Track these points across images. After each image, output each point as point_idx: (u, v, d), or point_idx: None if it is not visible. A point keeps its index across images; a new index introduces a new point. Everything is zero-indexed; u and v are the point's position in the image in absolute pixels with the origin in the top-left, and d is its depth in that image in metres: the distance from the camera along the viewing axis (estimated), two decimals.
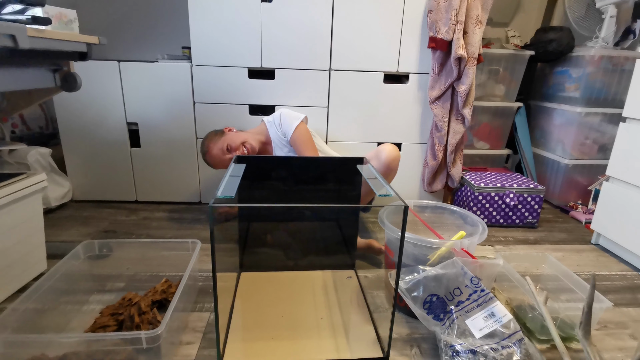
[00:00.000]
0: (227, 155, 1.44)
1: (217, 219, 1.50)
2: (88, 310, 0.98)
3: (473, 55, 1.55)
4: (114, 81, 1.60)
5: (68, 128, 1.65)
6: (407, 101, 1.72)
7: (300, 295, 1.10)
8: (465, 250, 0.96)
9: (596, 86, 1.79)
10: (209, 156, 1.47)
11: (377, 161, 1.33)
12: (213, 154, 1.45)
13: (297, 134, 1.44)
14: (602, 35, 1.77)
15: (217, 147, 1.44)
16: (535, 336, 0.93)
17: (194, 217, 1.64)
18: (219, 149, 1.44)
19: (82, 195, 1.74)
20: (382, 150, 1.34)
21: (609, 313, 1.07)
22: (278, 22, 1.58)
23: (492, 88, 1.94)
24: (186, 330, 0.94)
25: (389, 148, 1.33)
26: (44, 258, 1.16)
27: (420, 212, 1.27)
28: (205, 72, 1.63)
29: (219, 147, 1.44)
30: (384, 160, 1.32)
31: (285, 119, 1.47)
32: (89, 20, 1.97)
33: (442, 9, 1.53)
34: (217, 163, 1.47)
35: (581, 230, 1.67)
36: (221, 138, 1.46)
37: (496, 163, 2.05)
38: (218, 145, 1.44)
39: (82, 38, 1.01)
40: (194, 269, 1.01)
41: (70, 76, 1.09)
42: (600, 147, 1.88)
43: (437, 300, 0.89)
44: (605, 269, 1.35)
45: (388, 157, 1.31)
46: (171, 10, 2.02)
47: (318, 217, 1.32)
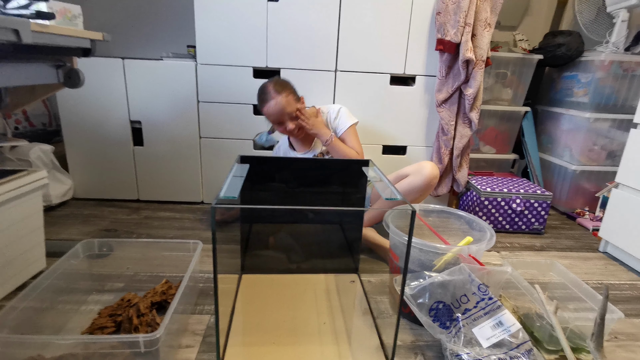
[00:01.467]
0: (282, 119, 1.32)
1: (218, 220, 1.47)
2: (86, 310, 0.96)
3: (481, 58, 1.52)
4: (118, 79, 1.59)
5: (71, 125, 1.64)
6: (413, 104, 1.70)
7: (302, 299, 1.08)
8: (472, 257, 0.93)
9: (606, 92, 1.77)
10: (269, 106, 1.31)
11: (419, 176, 1.31)
12: (273, 109, 1.30)
13: (350, 131, 1.42)
14: (613, 40, 1.75)
15: (281, 104, 1.29)
16: (543, 346, 0.91)
17: (196, 217, 1.63)
18: (281, 107, 1.30)
19: (84, 193, 1.73)
20: (424, 167, 1.32)
21: (619, 324, 1.04)
22: (284, 22, 1.57)
23: (500, 92, 1.92)
24: (186, 333, 0.92)
25: (431, 165, 1.33)
26: (43, 256, 1.14)
27: (425, 216, 1.25)
28: (210, 71, 1.61)
29: (282, 106, 1.29)
30: (426, 177, 1.31)
31: (343, 114, 1.43)
32: (95, 17, 1.97)
33: (450, 11, 1.52)
34: (271, 115, 1.32)
35: (588, 238, 1.64)
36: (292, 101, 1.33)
37: (502, 168, 2.03)
38: (283, 104, 1.30)
39: (86, 34, 0.99)
40: (194, 270, 0.99)
41: (74, 72, 1.08)
42: (608, 153, 1.85)
43: (443, 307, 0.87)
44: (613, 277, 1.32)
45: (431, 174, 1.31)
46: (177, 8, 2.01)
47: (321, 219, 1.30)
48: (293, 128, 1.32)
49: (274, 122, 1.34)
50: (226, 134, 1.70)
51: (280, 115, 1.31)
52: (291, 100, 1.32)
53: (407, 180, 1.34)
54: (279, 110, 1.30)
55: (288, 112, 1.31)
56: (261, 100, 1.34)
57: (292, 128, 1.32)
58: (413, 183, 1.32)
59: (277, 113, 1.30)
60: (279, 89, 1.31)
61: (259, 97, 1.35)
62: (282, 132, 1.37)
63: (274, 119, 1.33)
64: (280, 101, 1.29)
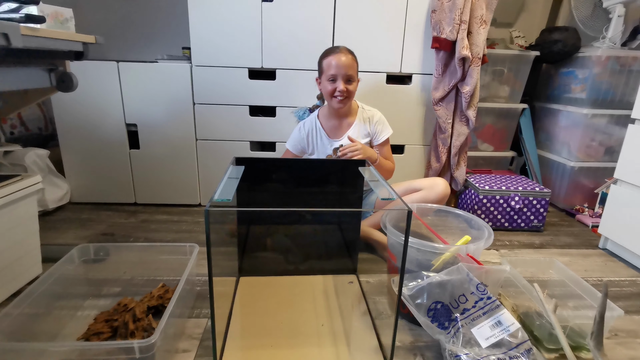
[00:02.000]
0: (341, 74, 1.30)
1: None
2: (82, 315, 0.95)
3: (477, 55, 1.52)
4: (113, 82, 1.58)
5: (66, 129, 1.63)
6: (410, 102, 1.70)
7: (301, 300, 1.07)
8: (470, 256, 0.93)
9: (603, 87, 1.76)
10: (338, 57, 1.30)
11: (432, 193, 1.34)
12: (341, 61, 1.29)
13: (388, 141, 1.47)
14: (610, 35, 1.74)
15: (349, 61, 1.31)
16: (543, 345, 0.90)
17: (194, 219, 1.62)
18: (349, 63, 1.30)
19: (80, 197, 1.72)
20: (438, 184, 1.35)
21: (619, 321, 1.04)
22: (279, 22, 1.56)
23: (497, 89, 1.91)
24: (182, 337, 0.91)
25: (444, 183, 1.36)
26: (39, 261, 1.14)
27: (423, 215, 1.24)
28: (205, 72, 1.60)
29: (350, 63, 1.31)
30: (439, 194, 1.35)
31: (385, 123, 1.46)
32: (88, 20, 1.96)
33: (445, 9, 1.51)
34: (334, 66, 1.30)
35: (588, 234, 1.64)
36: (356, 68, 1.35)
37: (500, 165, 2.02)
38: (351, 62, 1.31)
39: (78, 37, 0.99)
40: (191, 274, 0.98)
41: (67, 76, 1.07)
42: (607, 149, 1.85)
43: (441, 307, 0.86)
44: (613, 274, 1.31)
45: (444, 192, 1.35)
46: (171, 10, 2.00)
47: (319, 220, 1.30)
48: (343, 89, 1.31)
49: (332, 75, 1.31)
50: (223, 135, 1.69)
51: (344, 70, 1.29)
52: (356, 67, 1.34)
53: (420, 195, 1.36)
54: (345, 64, 1.29)
55: (349, 73, 1.30)
56: (329, 51, 1.34)
57: (342, 89, 1.30)
58: (425, 199, 1.34)
59: (342, 66, 1.29)
60: (351, 51, 1.34)
61: (327, 50, 1.36)
62: (328, 93, 1.33)
63: (334, 72, 1.30)
64: (350, 58, 1.32)
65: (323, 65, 1.34)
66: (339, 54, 1.31)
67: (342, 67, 1.29)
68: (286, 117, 1.67)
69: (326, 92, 1.34)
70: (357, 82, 1.36)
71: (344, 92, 1.31)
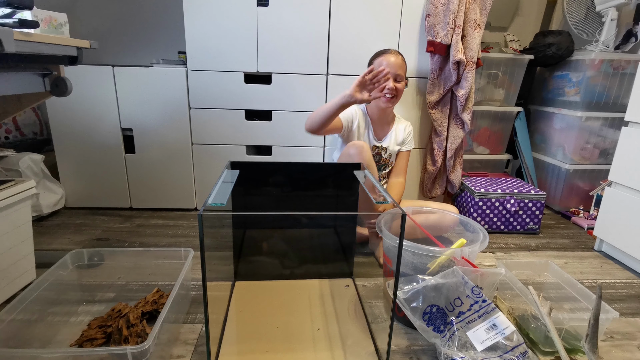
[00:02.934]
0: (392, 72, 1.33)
1: None
2: (76, 321, 0.94)
3: (472, 59, 1.53)
4: (108, 86, 1.58)
5: (61, 134, 1.62)
6: (405, 105, 1.70)
7: (297, 305, 1.07)
8: (465, 259, 0.93)
9: (597, 90, 1.77)
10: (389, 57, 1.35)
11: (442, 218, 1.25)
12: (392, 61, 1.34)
13: (409, 154, 1.51)
14: (603, 39, 1.76)
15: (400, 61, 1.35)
16: (539, 348, 0.90)
17: (189, 224, 1.61)
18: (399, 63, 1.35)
19: (76, 202, 1.71)
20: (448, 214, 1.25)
21: (615, 323, 1.04)
22: (274, 26, 1.56)
23: (492, 92, 1.92)
24: (177, 342, 0.90)
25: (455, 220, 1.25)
26: (32, 267, 1.13)
27: (419, 219, 1.24)
28: (201, 76, 1.61)
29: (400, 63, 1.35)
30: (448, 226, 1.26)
31: (412, 136, 1.52)
32: (84, 24, 1.95)
33: (440, 13, 1.52)
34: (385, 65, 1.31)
35: (583, 237, 1.64)
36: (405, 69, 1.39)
37: (496, 168, 2.03)
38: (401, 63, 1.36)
39: (72, 42, 0.98)
40: (186, 278, 0.98)
41: (61, 81, 1.06)
42: (601, 151, 1.86)
43: (437, 311, 0.86)
44: (609, 276, 1.31)
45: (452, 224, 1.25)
46: (167, 14, 2.00)
47: (315, 224, 1.29)
48: (392, 87, 1.34)
49: None
50: (219, 139, 1.69)
51: (394, 69, 1.33)
52: (405, 68, 1.39)
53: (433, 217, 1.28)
54: (395, 63, 1.34)
55: (399, 72, 1.34)
56: (380, 52, 1.39)
57: (392, 87, 1.33)
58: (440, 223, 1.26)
59: (392, 65, 1.33)
60: (400, 53, 1.39)
61: (378, 52, 1.40)
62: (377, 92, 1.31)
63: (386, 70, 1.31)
64: (400, 59, 1.37)
65: (374, 65, 1.37)
66: (390, 54, 1.36)
67: (392, 66, 1.33)
68: (282, 120, 1.67)
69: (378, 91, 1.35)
70: (405, 83, 1.40)
71: (392, 90, 1.34)
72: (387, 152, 1.47)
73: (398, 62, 1.35)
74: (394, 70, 1.33)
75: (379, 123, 1.46)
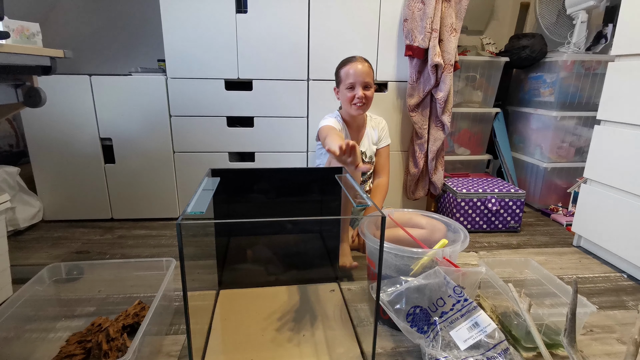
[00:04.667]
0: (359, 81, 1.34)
1: None
2: (55, 338, 0.92)
3: (449, 62, 1.56)
4: (86, 96, 1.55)
5: (37, 145, 1.58)
6: (387, 109, 1.72)
7: (282, 311, 1.06)
8: (447, 259, 0.94)
9: (570, 90, 1.83)
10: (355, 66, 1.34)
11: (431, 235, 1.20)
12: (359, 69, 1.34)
13: (387, 149, 1.53)
14: (574, 41, 1.82)
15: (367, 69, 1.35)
16: (521, 344, 0.91)
17: (173, 233, 1.59)
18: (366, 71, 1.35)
19: (54, 215, 1.67)
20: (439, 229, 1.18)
21: (594, 317, 1.06)
22: (254, 32, 1.57)
23: (470, 94, 1.96)
24: (159, 355, 0.89)
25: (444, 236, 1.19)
26: (9, 283, 1.09)
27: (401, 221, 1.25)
28: (181, 84, 1.59)
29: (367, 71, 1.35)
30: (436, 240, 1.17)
31: (387, 131, 1.54)
32: (60, 34, 1.92)
33: (417, 18, 1.55)
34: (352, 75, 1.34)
35: (562, 233, 1.68)
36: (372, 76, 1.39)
37: (477, 169, 2.06)
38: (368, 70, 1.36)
39: (45, 52, 0.97)
40: (168, 289, 0.96)
41: (34, 91, 1.04)
42: (577, 150, 1.91)
43: (420, 312, 0.87)
44: (587, 271, 1.35)
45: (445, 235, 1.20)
46: (145, 22, 1.98)
47: (300, 229, 1.29)
48: (362, 96, 1.34)
49: (350, 83, 1.35)
50: (200, 147, 1.67)
51: (361, 77, 1.34)
52: (372, 74, 1.39)
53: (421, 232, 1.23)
54: (362, 72, 1.34)
55: (366, 80, 1.35)
56: (346, 61, 1.38)
57: (361, 95, 1.34)
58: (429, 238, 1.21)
59: (360, 74, 1.34)
60: (366, 60, 1.39)
61: (344, 60, 1.40)
62: (347, 100, 1.36)
63: (353, 80, 1.34)
64: (367, 66, 1.37)
65: (341, 74, 1.38)
66: (356, 62, 1.36)
67: (359, 74, 1.34)
68: (264, 127, 1.67)
69: (345, 100, 1.38)
70: (373, 89, 1.41)
71: (362, 98, 1.35)
72: (368, 156, 1.49)
73: (365, 69, 1.35)
74: (362, 78, 1.34)
75: (354, 128, 1.48)
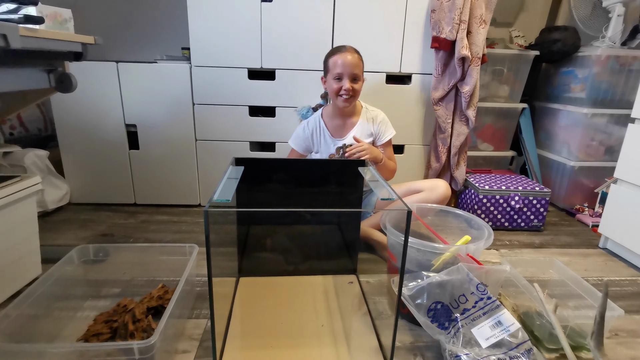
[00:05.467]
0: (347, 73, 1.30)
1: None
2: (82, 316, 0.95)
3: (477, 55, 1.52)
4: (112, 82, 1.58)
5: (66, 130, 1.63)
6: (409, 102, 1.69)
7: (301, 301, 1.07)
8: (470, 256, 0.93)
9: (603, 87, 1.76)
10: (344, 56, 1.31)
11: (433, 195, 1.35)
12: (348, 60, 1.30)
13: (390, 144, 1.48)
14: (609, 35, 1.74)
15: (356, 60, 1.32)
16: (543, 345, 0.90)
17: (193, 220, 1.62)
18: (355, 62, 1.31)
19: (80, 198, 1.72)
20: (439, 186, 1.35)
21: (620, 321, 1.04)
22: (278, 22, 1.56)
23: (496, 89, 1.91)
24: (182, 338, 0.91)
25: (445, 185, 1.36)
26: (38, 262, 1.13)
27: (423, 215, 1.24)
28: (204, 73, 1.60)
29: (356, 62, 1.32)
30: (440, 196, 1.35)
31: (388, 123, 1.46)
32: (88, 20, 1.95)
33: (445, 9, 1.51)
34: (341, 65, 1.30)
35: (588, 234, 1.64)
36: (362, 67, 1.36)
37: (500, 165, 2.02)
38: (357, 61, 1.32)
39: (77, 38, 0.98)
40: (191, 274, 0.98)
41: (66, 77, 1.07)
42: (607, 148, 1.85)
43: (441, 307, 0.86)
44: (613, 273, 1.31)
45: (444, 194, 1.35)
46: (170, 10, 2.00)
47: (319, 220, 1.30)
48: (349, 88, 1.31)
49: (338, 74, 1.31)
50: (222, 135, 1.69)
51: (349, 69, 1.30)
52: (361, 66, 1.35)
53: (420, 196, 1.36)
54: (351, 63, 1.30)
55: (355, 72, 1.31)
56: (336, 50, 1.35)
57: (348, 87, 1.31)
58: (426, 200, 1.34)
59: (348, 65, 1.30)
60: (357, 51, 1.35)
61: (333, 49, 1.37)
62: (334, 91, 1.34)
63: (341, 70, 1.31)
64: (356, 57, 1.33)
65: (329, 64, 1.34)
66: (345, 52, 1.32)
67: (348, 65, 1.30)
68: (286, 117, 1.67)
69: (332, 91, 1.35)
70: (362, 82, 1.37)
71: (349, 90, 1.31)
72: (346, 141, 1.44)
73: (354, 61, 1.31)
74: (351, 69, 1.30)
75: (339, 122, 1.44)
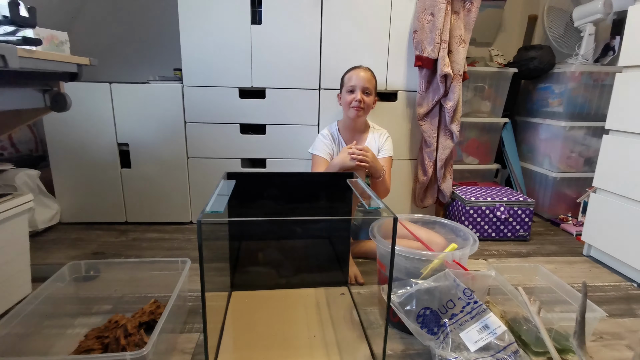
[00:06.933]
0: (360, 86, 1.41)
1: None
2: (73, 334, 0.95)
3: (458, 72, 1.59)
4: (105, 102, 1.61)
5: (57, 149, 1.64)
6: (396, 118, 1.75)
7: (293, 313, 1.08)
8: (457, 262, 0.95)
9: (578, 101, 1.84)
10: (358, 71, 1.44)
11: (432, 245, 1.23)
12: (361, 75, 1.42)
13: (389, 160, 1.52)
14: (582, 53, 1.84)
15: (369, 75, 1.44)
16: (530, 349, 0.92)
17: (185, 237, 1.62)
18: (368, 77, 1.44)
19: (71, 218, 1.71)
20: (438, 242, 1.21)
21: (604, 324, 1.06)
22: (268, 43, 1.62)
23: (479, 104, 1.98)
24: (174, 352, 0.91)
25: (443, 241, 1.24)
26: (28, 281, 1.13)
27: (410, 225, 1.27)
28: (196, 92, 1.64)
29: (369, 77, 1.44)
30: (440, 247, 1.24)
31: (390, 142, 1.54)
32: (82, 42, 1.99)
33: (426, 29, 1.59)
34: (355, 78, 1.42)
35: (572, 243, 1.68)
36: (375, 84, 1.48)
37: (486, 178, 2.07)
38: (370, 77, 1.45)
39: (73, 59, 1.02)
40: (183, 289, 0.99)
41: (60, 96, 1.09)
42: (586, 159, 1.92)
43: (430, 313, 0.88)
44: (598, 280, 1.35)
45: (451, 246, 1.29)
46: (163, 32, 2.06)
47: (310, 234, 1.32)
48: (360, 99, 1.40)
49: (351, 86, 1.43)
50: (214, 153, 1.71)
51: (362, 82, 1.41)
52: (374, 82, 1.48)
53: None
54: (364, 77, 1.42)
55: (367, 86, 1.42)
56: (352, 68, 1.48)
57: (359, 98, 1.40)
58: None
59: (361, 79, 1.42)
60: (371, 70, 1.48)
61: (351, 67, 1.49)
62: (347, 103, 1.43)
63: (354, 83, 1.42)
64: (369, 74, 1.46)
65: (344, 79, 1.47)
66: (359, 69, 1.46)
67: (360, 79, 1.42)
68: (276, 134, 1.71)
69: (345, 103, 1.44)
70: (374, 98, 1.47)
71: (360, 101, 1.40)
72: None
73: (367, 76, 1.43)
74: (363, 83, 1.41)
75: (352, 133, 1.52)
